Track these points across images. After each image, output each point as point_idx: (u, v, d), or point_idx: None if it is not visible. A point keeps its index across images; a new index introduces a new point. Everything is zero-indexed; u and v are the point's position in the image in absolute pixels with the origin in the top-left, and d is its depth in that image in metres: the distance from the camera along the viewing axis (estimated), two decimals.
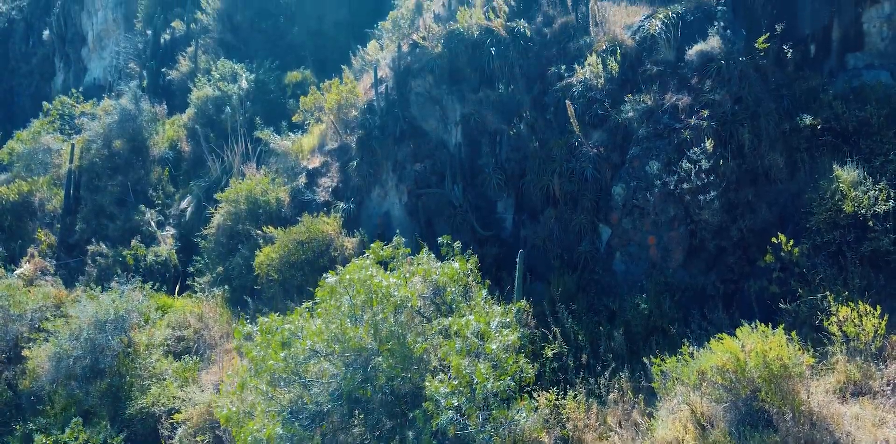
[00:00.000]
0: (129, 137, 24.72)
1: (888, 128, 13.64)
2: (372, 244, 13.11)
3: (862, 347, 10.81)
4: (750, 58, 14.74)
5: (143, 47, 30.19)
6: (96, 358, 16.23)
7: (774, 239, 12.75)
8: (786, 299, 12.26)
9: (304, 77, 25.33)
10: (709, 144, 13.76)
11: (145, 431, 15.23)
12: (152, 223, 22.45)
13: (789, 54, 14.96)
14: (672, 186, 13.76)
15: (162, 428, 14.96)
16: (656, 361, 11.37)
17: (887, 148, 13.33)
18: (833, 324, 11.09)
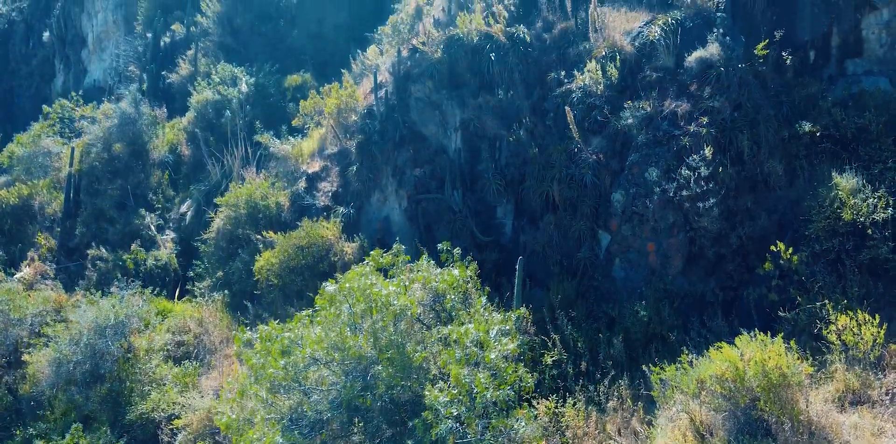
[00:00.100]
0: (129, 141, 24.75)
1: (887, 135, 13.61)
2: (372, 252, 13.12)
3: (860, 356, 10.82)
4: (749, 64, 14.74)
5: (143, 50, 30.21)
6: (96, 363, 16.23)
7: (773, 247, 12.74)
8: (785, 307, 12.27)
9: (304, 81, 25.37)
10: (708, 152, 13.77)
11: (145, 436, 15.25)
12: (152, 227, 22.47)
13: (788, 61, 14.93)
14: (671, 194, 13.77)
15: (162, 434, 14.98)
16: (655, 369, 11.38)
17: (886, 155, 13.30)
18: (832, 333, 11.10)
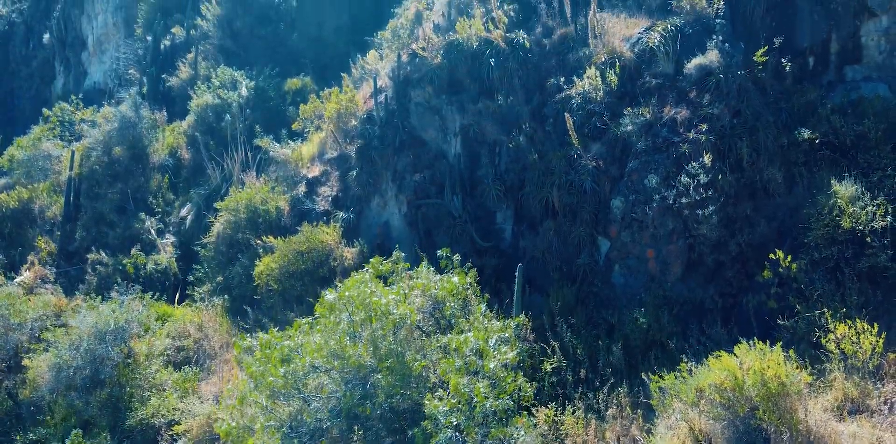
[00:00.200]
0: (129, 145, 24.77)
1: (886, 142, 13.63)
2: (371, 259, 13.15)
3: (859, 364, 10.84)
4: (748, 71, 14.77)
5: (143, 53, 30.22)
6: (96, 369, 16.23)
7: (773, 254, 12.76)
8: (784, 315, 12.28)
9: (304, 84, 25.39)
10: (707, 159, 13.79)
11: (145, 442, 15.25)
12: (152, 231, 22.49)
13: (788, 67, 14.96)
14: (671, 201, 13.78)
15: (162, 440, 14.99)
16: (654, 378, 11.39)
17: (885, 163, 13.32)
18: (831, 342, 11.11)
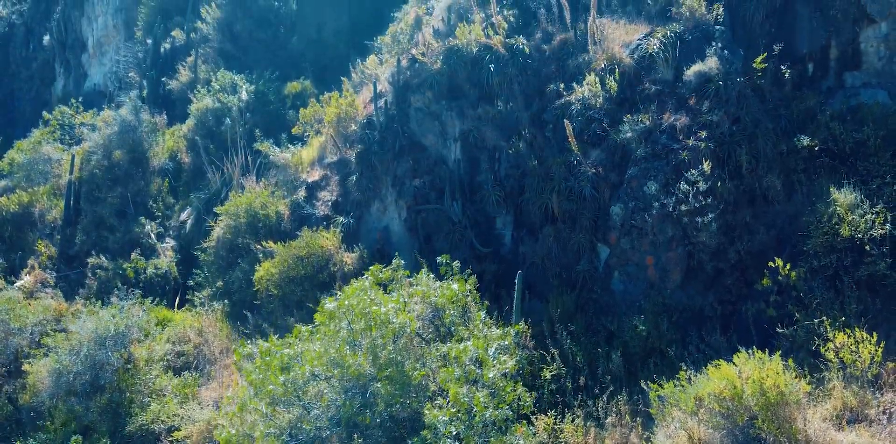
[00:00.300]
0: (129, 148, 24.74)
1: (885, 149, 13.67)
2: (371, 267, 13.17)
3: (858, 373, 10.87)
4: (748, 78, 14.79)
5: (144, 56, 30.22)
6: (96, 374, 16.23)
7: (772, 262, 12.78)
8: (783, 323, 12.30)
9: (304, 88, 25.40)
10: (706, 166, 13.81)
11: None
12: (152, 235, 22.50)
13: (787, 74, 14.99)
14: (670, 208, 13.80)
15: None
16: (654, 386, 11.42)
17: (884, 170, 13.35)
18: (830, 350, 11.14)
